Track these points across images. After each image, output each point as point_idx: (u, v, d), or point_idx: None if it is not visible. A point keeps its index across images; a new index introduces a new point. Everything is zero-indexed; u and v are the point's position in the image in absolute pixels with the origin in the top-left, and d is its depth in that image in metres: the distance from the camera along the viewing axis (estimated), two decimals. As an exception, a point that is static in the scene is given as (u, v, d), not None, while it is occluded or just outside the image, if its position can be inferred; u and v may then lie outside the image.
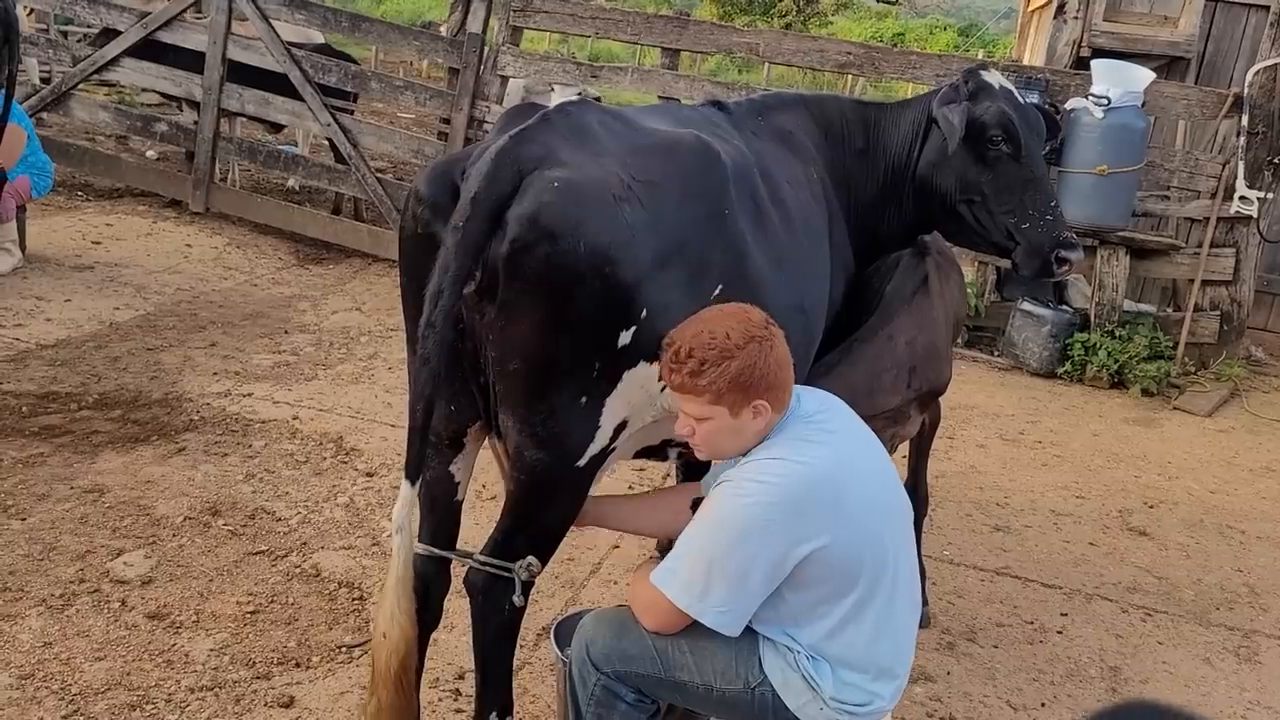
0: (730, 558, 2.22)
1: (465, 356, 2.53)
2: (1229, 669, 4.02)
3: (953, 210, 3.51)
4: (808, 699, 2.32)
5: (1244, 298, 7.84)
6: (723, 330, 2.24)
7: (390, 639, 2.50)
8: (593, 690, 2.44)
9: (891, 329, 3.38)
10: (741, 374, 2.22)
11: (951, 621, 4.06)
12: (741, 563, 2.21)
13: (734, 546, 2.21)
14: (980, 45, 28.21)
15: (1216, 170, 7.56)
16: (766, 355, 2.24)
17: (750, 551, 2.20)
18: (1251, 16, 8.41)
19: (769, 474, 2.25)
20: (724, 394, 2.23)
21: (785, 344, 2.31)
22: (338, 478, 4.65)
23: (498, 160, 2.38)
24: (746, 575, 2.22)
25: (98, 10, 8.82)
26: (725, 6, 32.89)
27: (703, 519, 2.30)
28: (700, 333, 2.25)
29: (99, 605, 3.51)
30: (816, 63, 8.20)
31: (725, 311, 2.31)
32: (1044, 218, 3.46)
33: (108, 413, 4.96)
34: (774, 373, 2.26)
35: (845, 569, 2.26)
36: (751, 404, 2.25)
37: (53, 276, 6.84)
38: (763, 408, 2.26)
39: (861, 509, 2.29)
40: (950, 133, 3.37)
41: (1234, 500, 5.69)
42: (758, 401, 2.25)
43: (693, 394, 2.25)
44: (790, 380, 2.33)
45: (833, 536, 2.21)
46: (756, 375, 2.23)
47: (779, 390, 2.29)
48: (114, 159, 9.39)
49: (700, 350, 2.22)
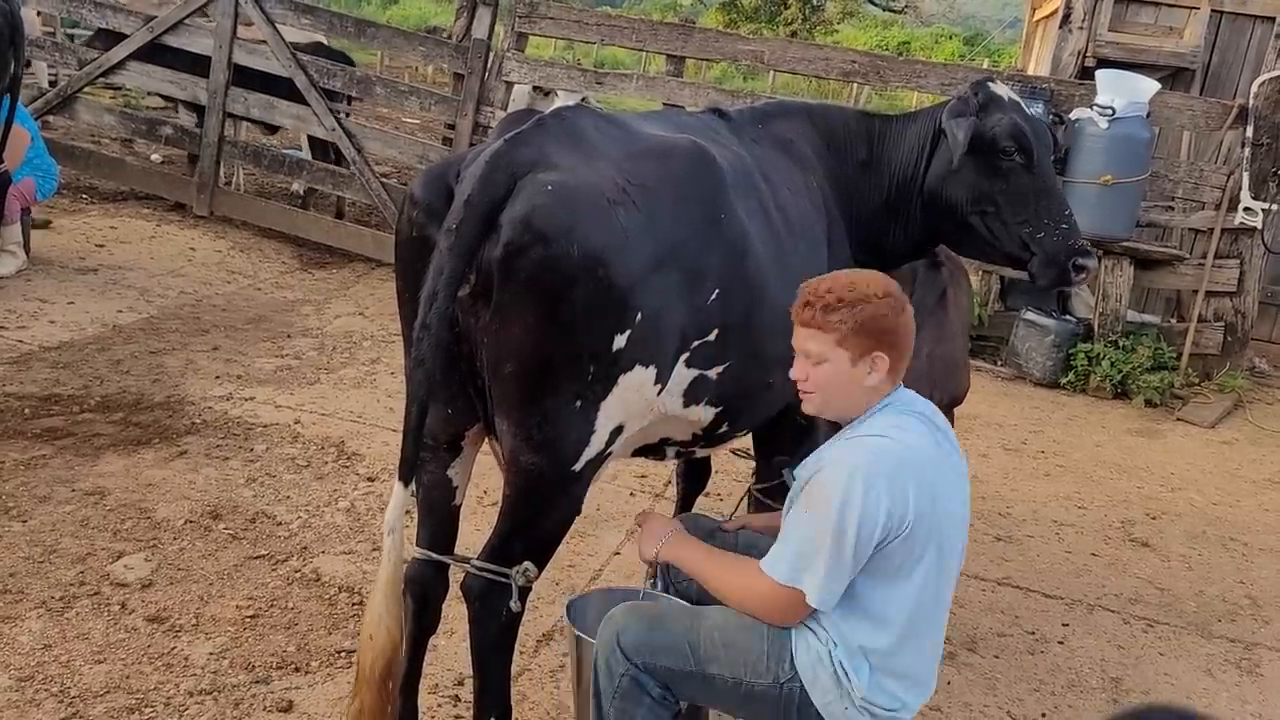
0: (833, 527, 2.21)
1: (462, 360, 2.53)
2: (1230, 681, 4.00)
3: (964, 222, 3.49)
4: (834, 696, 2.32)
5: (1248, 309, 7.83)
6: (864, 280, 2.33)
7: (376, 641, 2.49)
8: (619, 682, 2.43)
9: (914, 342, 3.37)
10: (873, 320, 2.28)
11: (952, 631, 4.04)
12: (842, 531, 2.20)
13: (838, 514, 2.20)
14: (985, 55, 28.20)
15: (1221, 181, 7.55)
16: (899, 314, 2.32)
17: (851, 517, 2.19)
18: (1257, 28, 8.41)
19: (871, 446, 2.28)
20: (850, 336, 2.29)
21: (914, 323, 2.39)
22: (339, 482, 4.65)
23: (491, 164, 2.39)
24: (843, 543, 2.20)
25: (104, 13, 8.83)
26: (730, 14, 32.93)
27: (807, 502, 2.29)
28: (840, 277, 2.36)
29: (99, 608, 3.51)
30: (821, 71, 8.21)
31: (866, 272, 2.41)
32: (1059, 226, 3.43)
33: (109, 415, 4.96)
34: (901, 334, 2.33)
35: (917, 560, 2.27)
36: (872, 355, 2.30)
37: (56, 279, 6.84)
38: (881, 361, 2.31)
39: (944, 504, 2.31)
40: (955, 146, 3.36)
41: (1236, 512, 5.67)
42: (878, 353, 2.30)
43: (821, 329, 2.30)
44: (910, 355, 2.39)
45: (916, 518, 2.23)
46: (886, 327, 2.30)
47: (900, 354, 2.34)
48: (119, 162, 9.41)
49: (839, 289, 2.30)
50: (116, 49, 8.64)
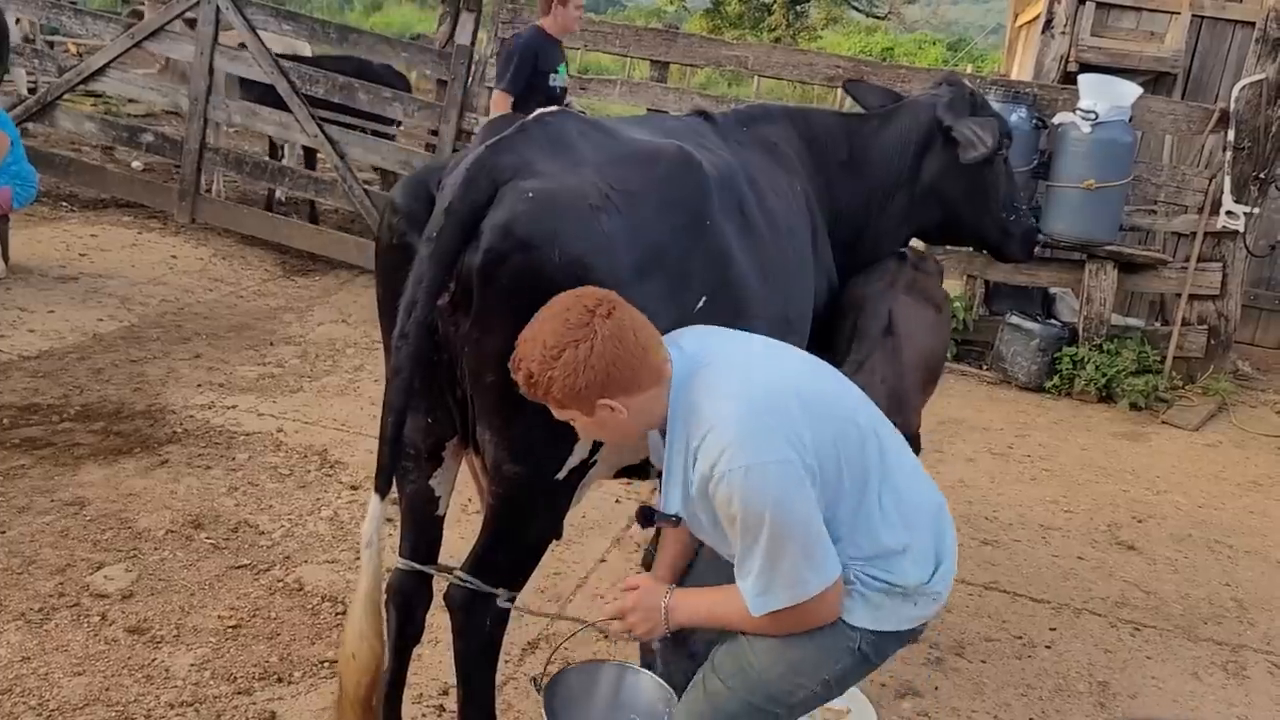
0: (785, 531, 2.04)
1: (441, 369, 2.50)
2: (1217, 684, 4.00)
3: (953, 214, 3.59)
4: (894, 606, 2.22)
5: (1231, 312, 7.85)
6: (542, 336, 2.05)
7: (359, 659, 2.46)
8: None
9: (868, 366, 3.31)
10: (566, 381, 2.02)
11: (939, 636, 4.04)
12: (793, 524, 2.04)
13: (776, 516, 2.03)
14: (969, 60, 28.32)
15: (1203, 185, 7.58)
16: (586, 358, 2.01)
17: (789, 505, 2.04)
18: (1237, 33, 8.45)
19: (733, 433, 2.05)
20: (565, 401, 2.06)
21: (623, 323, 2.06)
22: (322, 491, 4.61)
23: (472, 170, 2.36)
24: (808, 528, 2.06)
25: (83, 21, 8.78)
26: (715, 20, 32.96)
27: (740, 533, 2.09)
28: (527, 338, 2.08)
29: (78, 619, 3.47)
30: (806, 76, 8.23)
31: (555, 306, 2.09)
32: (1021, 208, 3.89)
33: (90, 425, 4.92)
34: (605, 369, 2.03)
35: (848, 456, 2.15)
36: (595, 403, 2.06)
37: (36, 287, 6.79)
38: (610, 404, 2.07)
39: (811, 399, 2.16)
40: (979, 146, 3.55)
41: (1222, 514, 5.68)
42: (600, 401, 2.06)
43: (542, 401, 2.10)
44: (643, 357, 2.08)
45: (813, 431, 2.09)
46: (582, 381, 2.02)
47: (622, 381, 2.06)
48: (99, 169, 9.34)
49: (526, 360, 2.06)
50: (96, 56, 8.60)
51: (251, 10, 8.28)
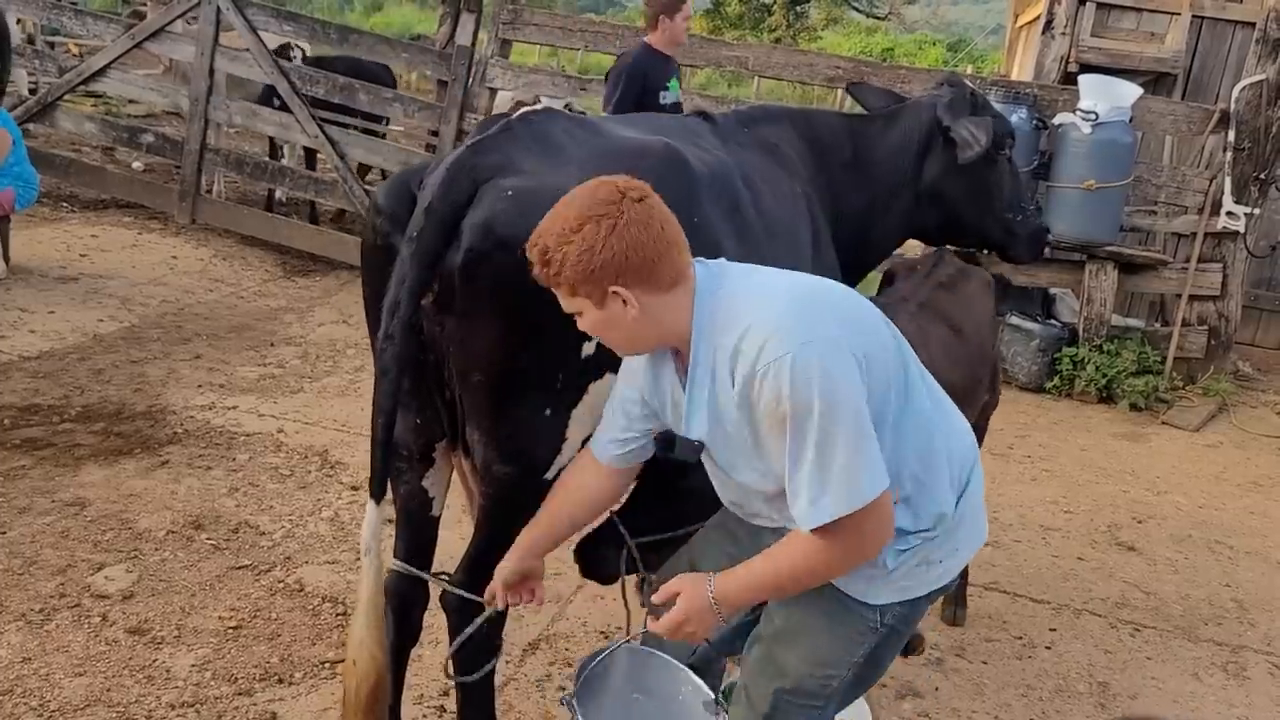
0: (837, 417, 1.89)
1: (429, 369, 2.49)
2: (1217, 684, 4.00)
3: (955, 214, 3.59)
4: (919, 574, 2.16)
5: (1231, 313, 7.85)
6: (565, 211, 1.96)
7: (360, 665, 2.46)
8: None
9: None
10: (581, 258, 1.91)
11: (940, 637, 4.04)
12: (845, 413, 1.90)
13: (825, 401, 1.88)
14: (969, 61, 28.29)
15: (1203, 185, 7.58)
16: (607, 236, 1.91)
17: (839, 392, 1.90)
18: (1237, 33, 8.45)
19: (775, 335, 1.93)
20: (577, 285, 1.95)
21: (653, 212, 1.97)
22: (322, 491, 4.61)
23: (452, 170, 2.35)
24: (859, 420, 1.91)
25: (84, 21, 8.78)
26: (715, 21, 32.96)
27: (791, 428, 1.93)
28: (551, 213, 1.99)
29: (79, 620, 3.47)
30: (806, 77, 8.23)
31: (588, 185, 2.00)
32: (1028, 208, 3.85)
33: (90, 425, 4.92)
34: (624, 252, 1.92)
35: (891, 369, 2.04)
36: (607, 291, 1.95)
37: (37, 288, 6.79)
38: (624, 295, 1.95)
39: (852, 310, 2.07)
40: (975, 146, 3.52)
41: (1222, 515, 5.68)
42: (613, 288, 1.94)
43: (553, 286, 2.00)
44: (666, 251, 1.97)
45: (858, 334, 1.99)
46: (598, 260, 1.91)
47: (640, 270, 1.94)
48: (99, 170, 9.35)
49: (544, 234, 1.96)
50: (97, 56, 8.60)
51: (252, 11, 8.29)
